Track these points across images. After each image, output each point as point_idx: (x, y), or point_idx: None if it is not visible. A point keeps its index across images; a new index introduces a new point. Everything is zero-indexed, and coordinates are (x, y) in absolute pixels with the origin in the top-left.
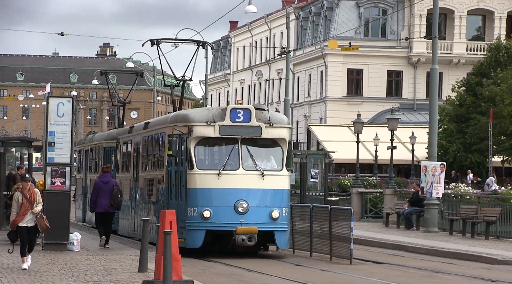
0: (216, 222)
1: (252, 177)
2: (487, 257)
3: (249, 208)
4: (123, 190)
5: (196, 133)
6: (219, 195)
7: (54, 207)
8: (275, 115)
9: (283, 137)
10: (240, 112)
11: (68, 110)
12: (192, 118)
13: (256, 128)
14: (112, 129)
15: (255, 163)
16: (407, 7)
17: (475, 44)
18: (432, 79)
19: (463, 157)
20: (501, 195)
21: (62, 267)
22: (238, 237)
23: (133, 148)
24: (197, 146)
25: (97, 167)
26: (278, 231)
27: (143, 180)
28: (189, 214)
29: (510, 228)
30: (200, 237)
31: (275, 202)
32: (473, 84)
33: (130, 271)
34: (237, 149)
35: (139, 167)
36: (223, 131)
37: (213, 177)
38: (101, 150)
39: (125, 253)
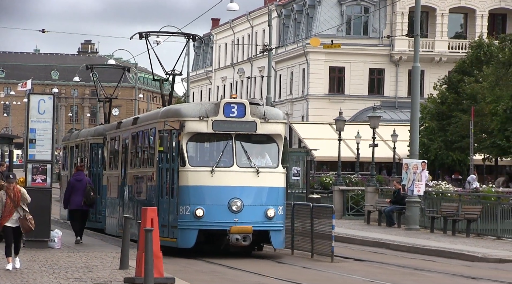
0: (209, 221)
1: (247, 174)
2: (468, 254)
3: (243, 206)
4: (110, 187)
5: (188, 128)
6: (212, 193)
7: (35, 204)
8: (270, 110)
9: (278, 133)
10: (234, 107)
11: (49, 107)
12: (184, 113)
13: (250, 123)
14: (98, 125)
15: (250, 159)
16: (389, 5)
17: (456, 42)
18: (414, 77)
19: (444, 154)
20: (482, 193)
21: (43, 264)
22: (232, 237)
23: (121, 144)
24: (189, 142)
25: (83, 163)
26: (273, 230)
27: (132, 177)
28: (181, 212)
29: (491, 226)
30: (192, 237)
31: (271, 200)
32: (455, 82)
33: (111, 268)
34: (231, 145)
35: (127, 164)
36: (216, 127)
37: (206, 174)
38: (88, 146)
39: (106, 250)
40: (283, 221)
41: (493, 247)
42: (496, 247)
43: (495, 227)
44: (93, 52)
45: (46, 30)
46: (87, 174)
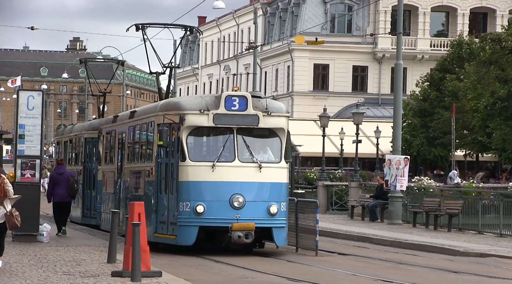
0: (210, 217)
1: (249, 169)
2: (449, 248)
3: (245, 202)
4: (106, 182)
5: (188, 122)
6: (213, 189)
7: (24, 199)
8: (272, 103)
9: (281, 127)
10: (236, 100)
11: (38, 103)
12: (184, 106)
13: (252, 117)
14: (93, 120)
15: (252, 154)
16: (372, 3)
17: (438, 40)
18: (397, 74)
19: (426, 150)
20: (463, 188)
21: (32, 258)
22: (234, 234)
23: (118, 138)
24: (190, 136)
25: (77, 158)
26: (276, 228)
27: (129, 172)
28: (181, 209)
29: (472, 221)
30: (192, 234)
31: (273, 196)
32: (437, 80)
33: (99, 262)
34: (232, 139)
35: (124, 159)
36: (217, 121)
37: (207, 169)
38: (82, 141)
39: (94, 244)
40: (286, 218)
41: (474, 241)
42: (477, 241)
43: (476, 221)
44: (82, 49)
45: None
46: (81, 169)
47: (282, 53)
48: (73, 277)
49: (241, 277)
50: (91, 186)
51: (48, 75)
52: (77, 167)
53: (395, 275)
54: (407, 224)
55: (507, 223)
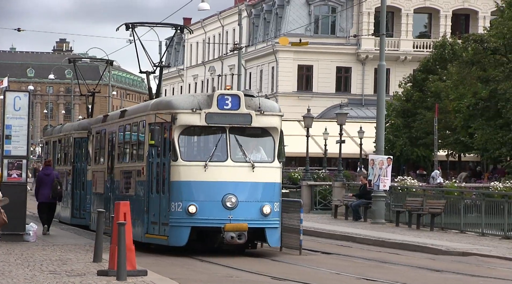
0: (203, 218)
1: (242, 169)
2: (432, 247)
3: (238, 202)
4: (96, 182)
5: (180, 121)
6: (205, 189)
7: (11, 199)
8: (265, 102)
9: (274, 126)
10: (228, 98)
11: (25, 104)
12: (175, 105)
13: (245, 116)
14: (82, 119)
15: (245, 153)
16: (356, 5)
17: (421, 42)
18: (380, 75)
19: (409, 150)
20: (446, 188)
21: (19, 257)
22: (227, 234)
23: (108, 138)
24: (181, 135)
25: (66, 158)
26: (269, 228)
27: (119, 172)
28: (173, 209)
29: (454, 220)
30: (185, 234)
31: (266, 196)
32: (420, 80)
33: (85, 261)
34: (225, 139)
35: (114, 158)
36: (209, 120)
37: (199, 169)
38: (71, 140)
39: (80, 243)
40: (279, 218)
41: (456, 240)
42: (459, 240)
43: (458, 221)
44: (68, 50)
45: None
46: (70, 169)
47: (266, 54)
48: (59, 276)
49: (226, 276)
50: (81, 186)
51: (35, 76)
52: (66, 167)
53: (378, 274)
54: (390, 223)
55: (489, 222)
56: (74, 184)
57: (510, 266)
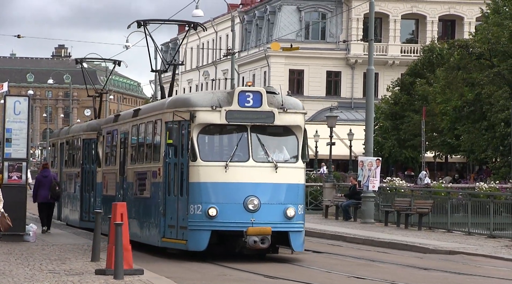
0: (223, 221)
1: (264, 169)
2: (420, 246)
3: (260, 205)
4: (107, 184)
5: (199, 119)
6: (226, 190)
7: (11, 200)
8: (288, 99)
9: (298, 124)
10: (250, 95)
11: (25, 108)
12: (194, 103)
13: (268, 114)
14: (90, 120)
15: (267, 153)
16: (345, 11)
17: (409, 47)
18: (369, 79)
19: (397, 152)
20: (433, 188)
21: (19, 257)
22: (250, 239)
23: (120, 138)
24: (201, 134)
25: (74, 160)
26: (293, 232)
27: (132, 174)
28: (192, 212)
29: (441, 219)
30: (205, 238)
31: (290, 198)
32: (407, 84)
33: (83, 260)
34: (246, 138)
35: (127, 159)
36: (230, 118)
37: (220, 170)
38: (80, 142)
39: (79, 243)
40: (303, 221)
41: (443, 239)
42: (446, 239)
43: (445, 220)
44: (66, 56)
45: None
46: (79, 171)
47: (258, 59)
48: (58, 275)
49: (220, 274)
50: (90, 188)
51: (34, 81)
52: (74, 169)
53: (367, 272)
54: (379, 222)
55: (475, 221)
56: (83, 186)
57: (495, 264)
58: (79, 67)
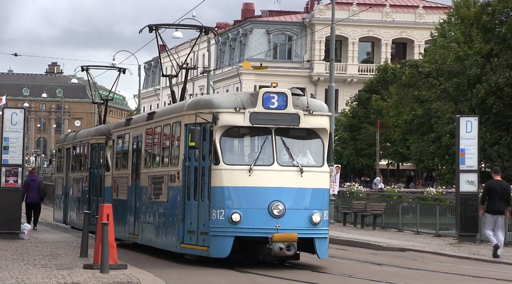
0: (247, 226)
1: (289, 173)
2: (374, 244)
3: (285, 210)
4: (118, 189)
5: (222, 121)
6: (250, 195)
7: (8, 202)
8: (314, 101)
9: (324, 127)
10: (274, 97)
11: (21, 119)
12: (217, 104)
13: (293, 116)
14: (99, 125)
15: (292, 157)
16: (309, 34)
17: (365, 66)
18: (330, 95)
19: (355, 160)
20: (386, 192)
21: (14, 253)
22: (275, 245)
23: (132, 142)
24: (223, 137)
25: (81, 165)
26: (319, 238)
27: (147, 178)
28: (214, 217)
29: (393, 220)
30: (228, 245)
31: (316, 204)
32: (364, 100)
33: (73, 256)
34: (270, 141)
35: (140, 163)
36: (254, 120)
37: (243, 174)
38: (87, 146)
39: (69, 241)
40: (328, 227)
41: (395, 238)
42: (397, 238)
43: (397, 221)
44: (59, 72)
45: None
46: (87, 176)
47: (231, 77)
48: (50, 269)
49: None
50: (98, 193)
51: (30, 95)
52: (82, 174)
53: (328, 267)
54: (338, 223)
55: (423, 222)
56: (91, 190)
57: (441, 260)
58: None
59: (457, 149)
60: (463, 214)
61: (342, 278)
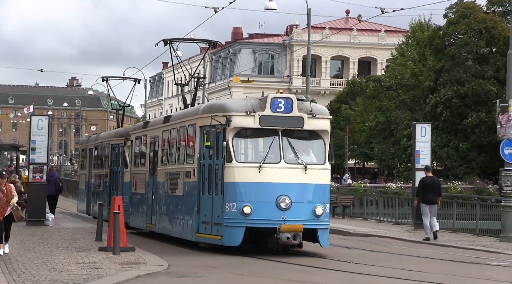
0: (257, 218)
1: (294, 170)
2: (343, 230)
3: (291, 203)
4: (136, 184)
5: (234, 123)
6: (260, 190)
7: (35, 194)
8: (316, 106)
9: (325, 129)
10: (281, 102)
11: (45, 125)
12: (230, 108)
13: (298, 119)
14: (118, 128)
15: (297, 155)
16: (289, 53)
17: (336, 80)
18: None
19: None
20: (354, 187)
21: (40, 237)
22: (283, 235)
23: (149, 142)
24: (235, 137)
25: (102, 163)
26: (321, 229)
27: (164, 174)
28: (227, 209)
29: (360, 210)
30: (239, 234)
31: (318, 198)
32: (335, 109)
33: (89, 240)
34: (277, 141)
35: (157, 161)
36: (263, 122)
37: (253, 171)
38: (108, 147)
39: (86, 227)
40: (329, 219)
41: (361, 225)
42: (363, 225)
43: (362, 211)
44: (78, 85)
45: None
46: (107, 172)
47: (223, 89)
48: (70, 251)
49: (191, 249)
50: (117, 187)
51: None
52: (103, 171)
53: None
54: None
55: (385, 212)
56: (111, 185)
57: (399, 244)
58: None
59: (413, 151)
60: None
61: (317, 259)
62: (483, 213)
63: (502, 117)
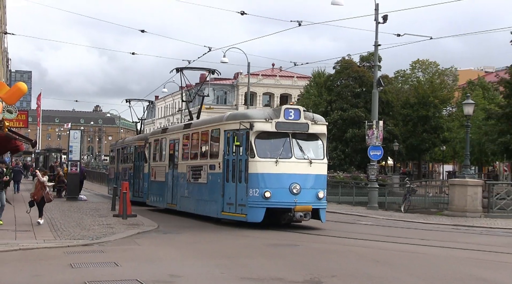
0: (275, 201)
1: (302, 164)
2: None
3: (301, 189)
4: (155, 174)
5: (256, 128)
6: (276, 179)
7: (72, 181)
8: (316, 115)
9: (323, 132)
10: (292, 111)
11: (78, 136)
12: (252, 116)
13: (304, 124)
14: (140, 134)
15: (304, 152)
16: (236, 90)
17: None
18: None
19: None
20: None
21: (75, 209)
22: (296, 214)
23: (169, 143)
24: (257, 139)
25: (128, 159)
26: (322, 208)
27: (185, 167)
28: (251, 194)
29: None
30: (261, 213)
31: (319, 185)
32: None
33: (107, 209)
34: (289, 141)
35: (177, 156)
36: (278, 127)
37: (272, 164)
38: (133, 148)
39: (105, 201)
40: (326, 201)
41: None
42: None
43: None
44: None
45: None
46: (132, 166)
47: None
48: (94, 217)
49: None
50: (139, 176)
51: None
52: (129, 165)
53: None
54: None
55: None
56: (135, 175)
57: None
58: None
59: None
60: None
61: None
62: (357, 191)
63: (369, 132)
